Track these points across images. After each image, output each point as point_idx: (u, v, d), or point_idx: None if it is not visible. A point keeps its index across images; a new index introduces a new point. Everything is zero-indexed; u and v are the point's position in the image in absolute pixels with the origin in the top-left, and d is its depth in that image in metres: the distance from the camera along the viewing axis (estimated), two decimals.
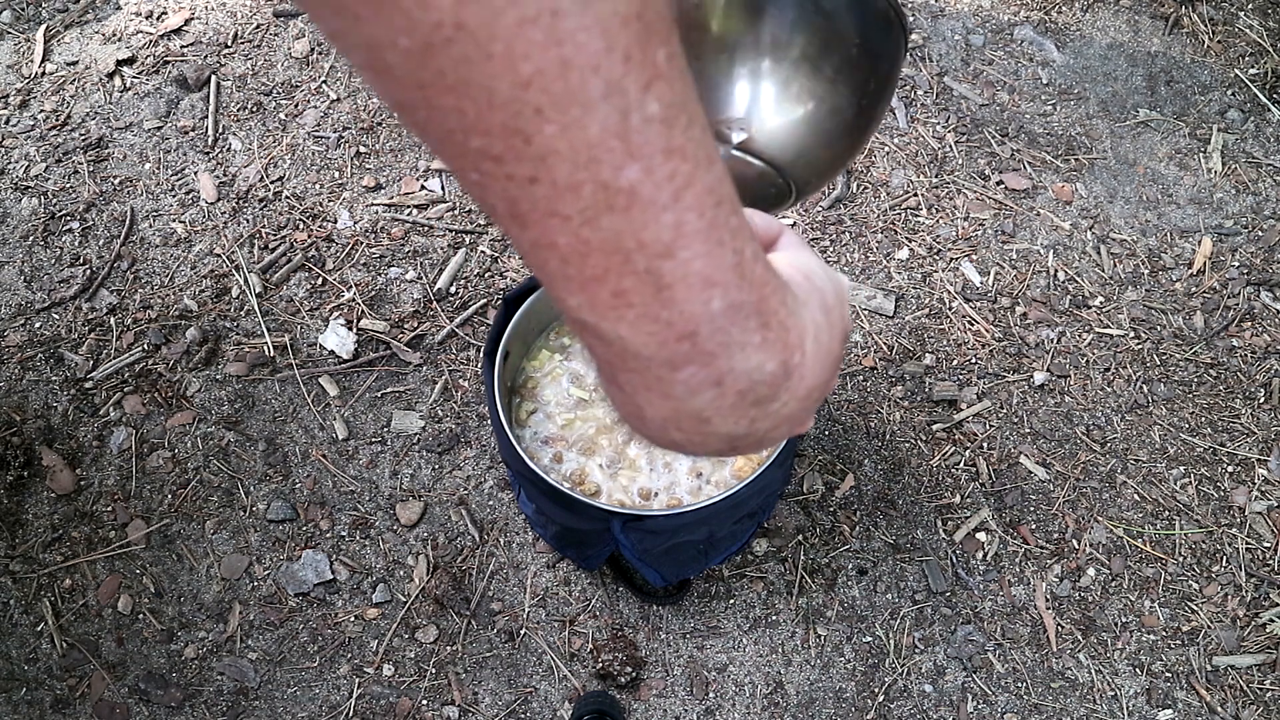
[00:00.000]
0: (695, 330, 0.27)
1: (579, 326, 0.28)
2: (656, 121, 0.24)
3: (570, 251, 0.25)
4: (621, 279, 0.26)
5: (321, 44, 1.74)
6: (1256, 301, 1.57)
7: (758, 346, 0.29)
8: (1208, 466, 1.46)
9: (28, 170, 1.62)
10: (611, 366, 0.29)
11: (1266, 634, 1.35)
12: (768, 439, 0.33)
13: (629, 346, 0.28)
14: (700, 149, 0.26)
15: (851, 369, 1.50)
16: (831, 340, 0.34)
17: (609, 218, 0.25)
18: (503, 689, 1.31)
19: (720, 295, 0.27)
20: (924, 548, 1.40)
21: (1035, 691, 1.32)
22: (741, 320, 0.28)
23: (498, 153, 0.24)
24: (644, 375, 0.29)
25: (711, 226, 0.26)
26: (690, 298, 0.27)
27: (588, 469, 1.20)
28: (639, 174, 0.24)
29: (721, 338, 0.28)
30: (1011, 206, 1.63)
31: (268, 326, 1.50)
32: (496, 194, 0.25)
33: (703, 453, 0.33)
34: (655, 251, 0.26)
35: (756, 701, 1.31)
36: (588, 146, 0.23)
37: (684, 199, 0.25)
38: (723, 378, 0.29)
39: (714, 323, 0.27)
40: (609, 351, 0.28)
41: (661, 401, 0.29)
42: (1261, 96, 1.74)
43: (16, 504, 1.39)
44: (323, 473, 1.41)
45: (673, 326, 0.27)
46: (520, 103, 0.22)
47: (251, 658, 1.32)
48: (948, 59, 1.77)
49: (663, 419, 0.30)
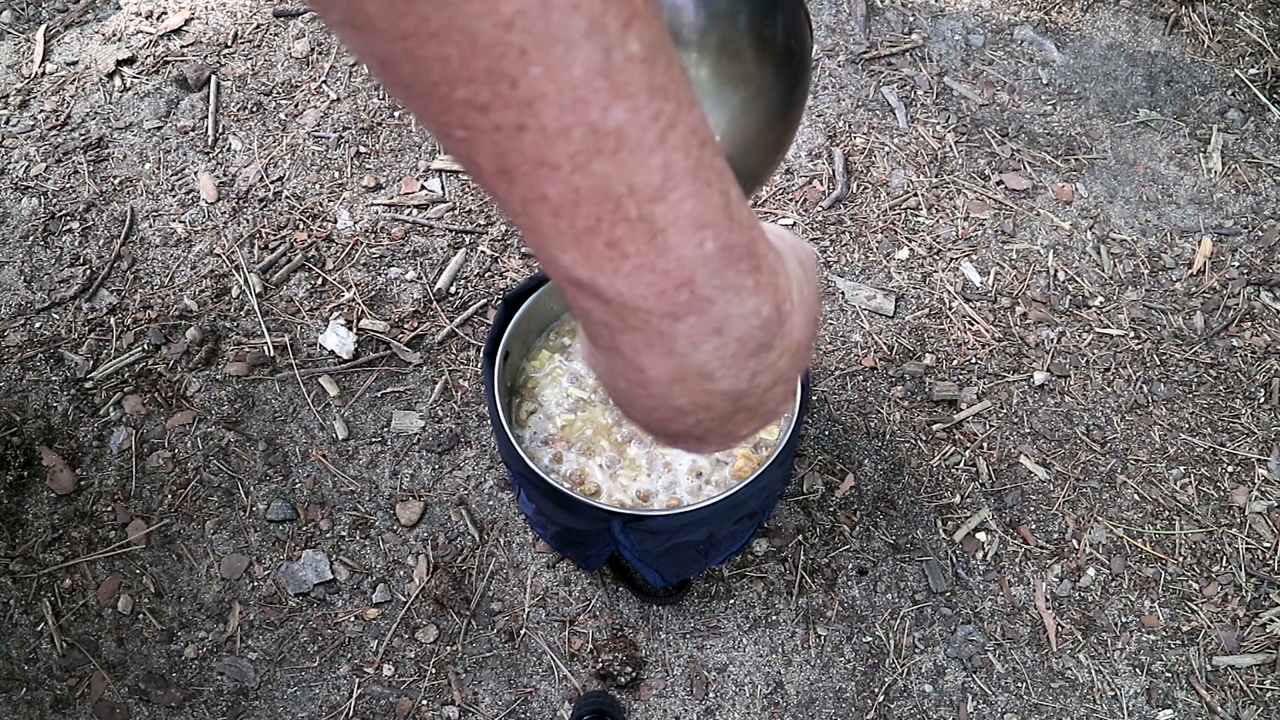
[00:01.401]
0: (692, 276, 0.27)
1: (575, 288, 0.28)
2: (638, 60, 0.24)
3: (562, 202, 0.25)
4: (615, 227, 0.26)
5: (322, 44, 1.74)
6: (1256, 301, 1.57)
7: (752, 290, 0.29)
8: (1208, 466, 1.46)
9: (28, 170, 1.62)
10: (611, 330, 0.29)
11: (1266, 634, 1.35)
12: (766, 403, 0.33)
13: (628, 301, 0.27)
14: (681, 89, 0.26)
15: (851, 369, 1.50)
16: (812, 295, 0.34)
17: (599, 162, 0.25)
18: (503, 689, 1.31)
19: (712, 237, 0.27)
20: (924, 548, 1.40)
21: (1035, 691, 1.32)
22: (735, 262, 0.28)
23: (484, 101, 0.23)
24: (645, 332, 0.28)
25: (698, 167, 0.26)
26: (684, 241, 0.27)
27: (588, 469, 1.20)
28: (626, 114, 0.24)
29: (717, 281, 0.28)
30: (1011, 206, 1.63)
31: (268, 326, 1.50)
32: (484, 149, 0.25)
33: (705, 425, 0.32)
34: (646, 195, 0.25)
35: (756, 701, 1.31)
36: (573, 87, 0.23)
37: (669, 139, 0.25)
38: (723, 325, 0.29)
39: (709, 266, 0.27)
40: (608, 311, 0.28)
41: (665, 360, 0.29)
42: (1261, 96, 1.74)
43: (16, 504, 1.39)
44: (323, 473, 1.41)
45: (669, 275, 0.27)
46: (504, 45, 0.22)
47: (251, 658, 1.32)
48: (948, 59, 1.77)
49: (668, 379, 0.30)
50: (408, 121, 1.68)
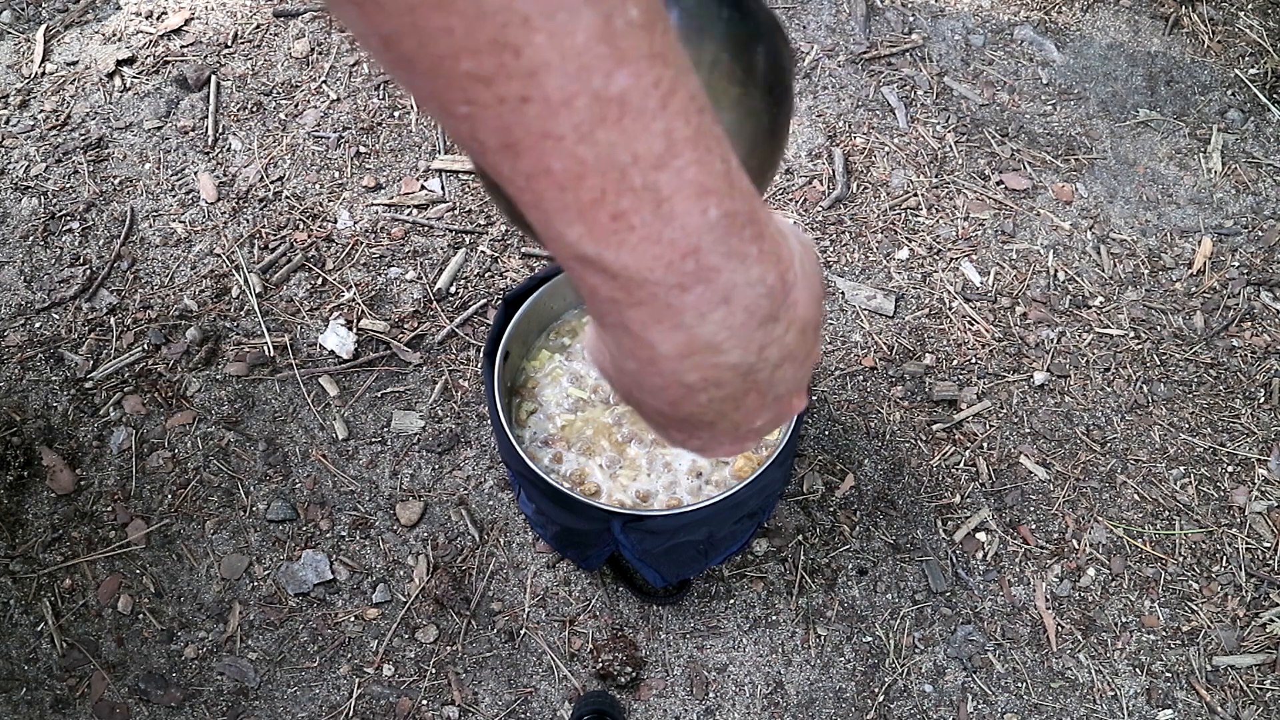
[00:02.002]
0: (698, 245, 0.27)
1: (582, 265, 0.28)
2: (638, 26, 0.24)
3: (566, 175, 0.25)
4: (620, 198, 0.26)
5: (321, 44, 1.74)
6: (1256, 301, 1.57)
7: (756, 258, 0.29)
8: (1208, 466, 1.46)
9: (28, 170, 1.62)
10: (618, 305, 0.29)
11: (1266, 634, 1.35)
12: (776, 384, 0.33)
13: (634, 274, 0.27)
14: (678, 56, 0.26)
15: (851, 369, 1.50)
16: (814, 272, 0.34)
17: (602, 130, 0.25)
18: (503, 689, 1.31)
19: (715, 204, 0.27)
20: (924, 548, 1.40)
21: (1035, 691, 1.32)
22: (738, 230, 0.28)
23: (488, 73, 0.23)
24: (653, 305, 0.28)
25: (699, 134, 0.26)
26: (689, 209, 0.27)
27: (588, 469, 1.20)
28: (628, 79, 0.24)
29: (723, 249, 0.28)
30: (1011, 206, 1.63)
31: (268, 326, 1.50)
32: (488, 124, 0.25)
33: (716, 405, 0.32)
34: (650, 163, 0.26)
35: (756, 701, 1.31)
36: (576, 54, 0.23)
37: (671, 105, 0.25)
38: (729, 294, 0.29)
39: (714, 233, 0.27)
40: (615, 286, 0.28)
41: (674, 333, 0.29)
42: (1261, 96, 1.74)
43: (16, 504, 1.39)
44: (323, 473, 1.41)
45: (675, 244, 0.27)
46: (508, 12, 0.22)
47: (251, 658, 1.32)
48: (948, 59, 1.77)
49: (677, 354, 0.30)
50: (408, 121, 1.68)
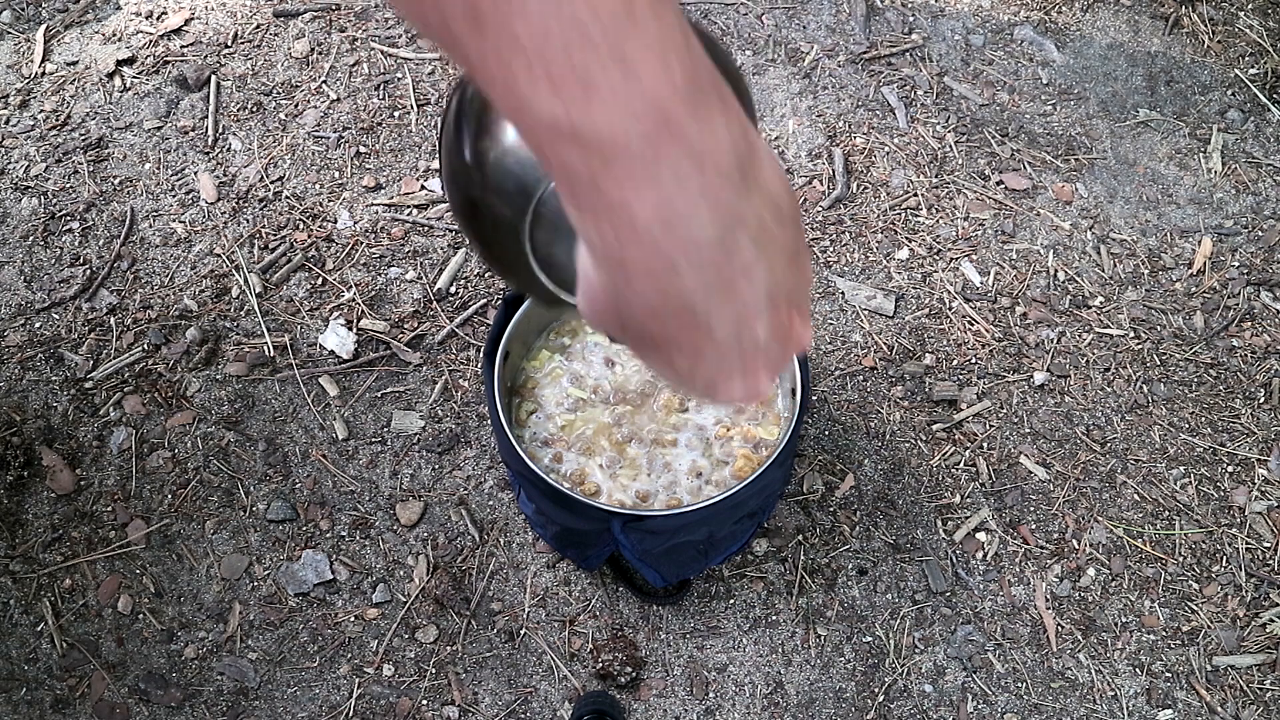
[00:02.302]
0: (666, 106, 0.28)
1: (554, 137, 0.28)
2: None
3: (531, 40, 0.26)
4: (586, 58, 0.27)
5: (322, 44, 1.74)
6: (1256, 301, 1.57)
7: (724, 123, 0.30)
8: (1208, 466, 1.46)
9: (28, 170, 1.62)
10: (594, 175, 0.29)
11: (1266, 634, 1.35)
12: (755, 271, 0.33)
13: (606, 136, 0.28)
14: None
15: (851, 369, 1.50)
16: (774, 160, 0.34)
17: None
18: (503, 689, 1.31)
19: (678, 64, 0.28)
20: (924, 548, 1.40)
21: (1035, 691, 1.32)
22: (702, 93, 0.29)
23: None
24: (628, 166, 0.29)
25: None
26: (653, 70, 0.27)
27: (588, 469, 1.20)
28: None
29: (689, 107, 0.29)
30: (1011, 206, 1.63)
31: (268, 326, 1.50)
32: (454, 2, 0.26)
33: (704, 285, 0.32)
34: (610, 23, 0.26)
35: (756, 701, 1.31)
36: None
37: None
38: (702, 156, 0.29)
39: (679, 93, 0.28)
40: (589, 155, 0.29)
41: (650, 193, 0.30)
42: (1261, 96, 1.74)
43: (16, 504, 1.39)
44: (323, 473, 1.41)
45: (645, 103, 0.28)
46: None
47: (251, 658, 1.32)
48: (948, 59, 1.77)
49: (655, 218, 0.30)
50: (408, 121, 1.68)
